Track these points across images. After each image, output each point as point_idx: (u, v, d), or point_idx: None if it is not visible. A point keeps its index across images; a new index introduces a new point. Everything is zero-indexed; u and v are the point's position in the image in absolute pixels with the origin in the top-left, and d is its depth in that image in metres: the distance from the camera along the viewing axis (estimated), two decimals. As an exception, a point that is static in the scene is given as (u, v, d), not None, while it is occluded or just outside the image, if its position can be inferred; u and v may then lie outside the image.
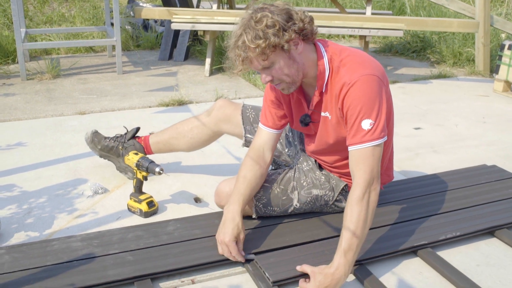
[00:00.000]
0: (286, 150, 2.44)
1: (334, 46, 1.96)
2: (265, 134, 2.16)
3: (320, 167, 2.25)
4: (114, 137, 2.71)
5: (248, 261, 1.98)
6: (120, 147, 2.65)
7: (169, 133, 2.62)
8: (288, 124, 2.25)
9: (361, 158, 1.85)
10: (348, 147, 1.89)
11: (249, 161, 2.12)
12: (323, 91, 1.96)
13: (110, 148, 2.67)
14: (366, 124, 1.84)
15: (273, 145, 2.17)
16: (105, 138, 2.71)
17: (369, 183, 1.83)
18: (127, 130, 2.72)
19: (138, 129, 2.69)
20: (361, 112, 1.84)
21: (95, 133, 2.73)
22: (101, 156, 2.72)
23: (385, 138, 1.88)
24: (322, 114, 2.02)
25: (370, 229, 2.15)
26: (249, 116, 2.46)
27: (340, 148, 2.05)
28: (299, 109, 2.10)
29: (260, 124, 2.18)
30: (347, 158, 2.03)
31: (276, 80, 1.91)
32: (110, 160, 2.72)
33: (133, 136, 2.67)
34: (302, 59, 1.90)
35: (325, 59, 1.93)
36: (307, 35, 1.88)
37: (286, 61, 1.85)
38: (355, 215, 1.80)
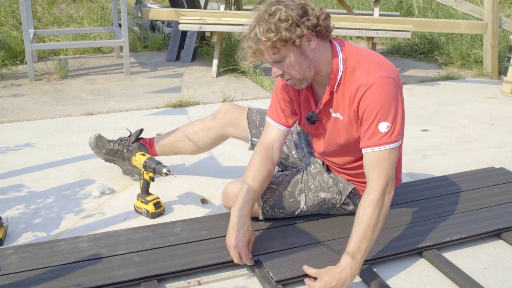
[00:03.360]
0: (293, 153, 2.43)
1: (350, 46, 1.95)
2: (274, 131, 2.14)
3: (328, 170, 2.25)
4: (118, 140, 2.70)
5: (255, 263, 1.98)
6: (125, 150, 2.65)
7: (174, 136, 2.62)
8: (296, 125, 2.24)
9: (377, 161, 1.84)
10: (363, 149, 1.88)
11: (257, 160, 2.09)
12: (334, 90, 1.95)
13: (115, 151, 2.67)
14: (383, 126, 1.83)
15: (282, 144, 2.16)
16: (109, 141, 2.70)
17: (385, 186, 1.83)
18: (131, 133, 2.72)
19: (141, 130, 2.69)
20: (378, 114, 1.83)
21: (99, 137, 2.72)
22: (106, 160, 2.72)
23: (400, 142, 1.87)
24: (333, 115, 2.00)
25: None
26: (255, 119, 2.46)
27: (351, 150, 2.05)
28: (307, 106, 2.10)
29: (269, 119, 2.16)
30: (357, 160, 2.03)
31: (286, 75, 1.90)
32: (116, 164, 2.72)
33: (137, 138, 2.67)
34: (315, 56, 1.88)
35: (340, 58, 1.92)
36: (321, 31, 1.86)
37: (298, 57, 1.85)
38: (367, 217, 1.80)
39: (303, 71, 1.88)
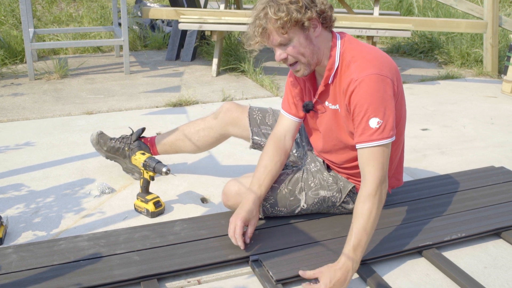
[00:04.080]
0: (294, 151, 2.43)
1: (350, 40, 1.97)
2: (287, 122, 2.18)
3: (328, 168, 2.25)
4: (119, 138, 2.71)
5: (254, 262, 1.98)
6: (126, 148, 2.65)
7: (176, 135, 2.62)
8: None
9: (372, 156, 1.86)
10: (356, 145, 1.90)
11: (270, 150, 2.15)
12: (330, 82, 1.97)
13: (116, 149, 2.68)
14: (374, 122, 1.84)
15: (294, 134, 2.20)
16: (111, 139, 2.71)
17: (381, 180, 1.85)
18: (133, 131, 2.72)
19: (143, 129, 2.69)
20: (368, 110, 1.84)
21: (100, 135, 2.72)
22: (107, 158, 2.72)
23: (394, 138, 1.88)
24: (332, 107, 2.02)
25: (376, 229, 2.16)
26: (256, 118, 2.46)
27: (348, 146, 2.05)
28: (307, 96, 2.12)
29: (282, 111, 2.20)
30: (356, 159, 2.03)
31: (291, 59, 1.92)
32: (117, 161, 2.72)
33: (139, 137, 2.67)
34: (318, 43, 1.92)
35: (338, 51, 1.94)
36: (326, 19, 1.90)
37: (303, 41, 1.88)
38: (366, 211, 1.81)
39: (308, 55, 1.91)
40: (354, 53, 1.92)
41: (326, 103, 2.03)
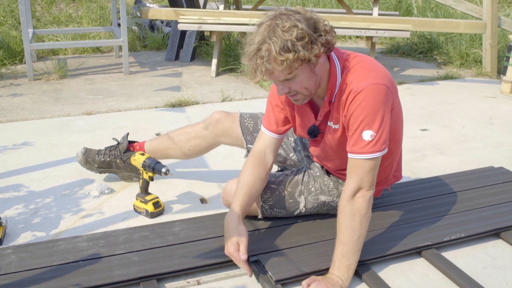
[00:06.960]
0: (291, 155, 2.42)
1: (346, 54, 1.93)
2: (266, 138, 2.11)
3: (328, 173, 2.24)
4: (106, 150, 2.64)
5: (254, 262, 1.98)
6: (118, 160, 2.62)
7: (166, 144, 2.57)
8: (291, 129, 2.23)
9: (355, 167, 1.86)
10: (348, 154, 1.89)
11: (248, 166, 2.08)
12: (332, 100, 1.93)
13: (108, 163, 2.63)
14: (367, 135, 1.82)
15: (275, 149, 2.13)
16: (97, 154, 2.64)
17: (354, 192, 1.85)
18: (118, 142, 2.67)
19: (127, 135, 2.66)
20: (363, 122, 1.81)
21: (86, 153, 2.64)
22: (101, 173, 2.67)
23: (385, 151, 1.87)
24: (329, 123, 1.99)
25: (375, 230, 2.16)
26: (248, 126, 2.43)
27: (343, 156, 2.04)
28: (304, 117, 2.07)
29: (262, 128, 2.13)
30: None
31: (293, 92, 1.85)
32: (112, 173, 2.68)
33: (128, 146, 2.63)
34: (320, 71, 1.85)
35: (338, 69, 1.89)
36: (331, 49, 1.81)
37: (308, 75, 1.80)
38: (338, 221, 1.87)
39: (311, 88, 1.85)
40: (352, 64, 1.88)
41: (329, 123, 1.99)
